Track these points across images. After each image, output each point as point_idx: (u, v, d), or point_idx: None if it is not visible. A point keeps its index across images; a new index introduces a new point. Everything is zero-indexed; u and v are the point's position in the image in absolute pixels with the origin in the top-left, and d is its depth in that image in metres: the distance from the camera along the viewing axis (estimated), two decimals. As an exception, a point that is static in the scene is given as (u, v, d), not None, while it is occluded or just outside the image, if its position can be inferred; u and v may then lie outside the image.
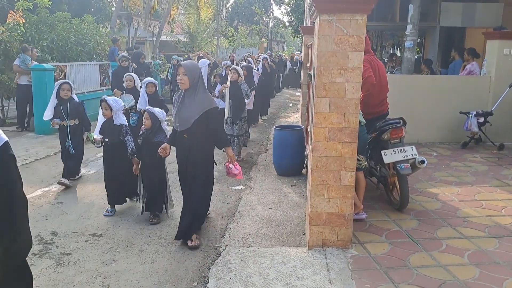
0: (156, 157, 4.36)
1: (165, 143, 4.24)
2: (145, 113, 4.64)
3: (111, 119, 4.94)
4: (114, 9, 19.28)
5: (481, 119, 7.00)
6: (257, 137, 9.53)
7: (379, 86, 4.73)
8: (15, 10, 10.26)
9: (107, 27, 17.41)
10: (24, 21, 10.20)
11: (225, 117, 7.11)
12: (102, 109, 4.97)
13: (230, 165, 4.35)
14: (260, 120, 11.71)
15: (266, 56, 13.65)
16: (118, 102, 5.00)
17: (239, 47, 31.80)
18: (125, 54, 10.45)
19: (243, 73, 8.06)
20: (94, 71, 11.64)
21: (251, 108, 8.57)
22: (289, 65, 21.32)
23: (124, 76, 7.08)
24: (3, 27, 9.71)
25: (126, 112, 6.71)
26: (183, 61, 12.41)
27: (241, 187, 5.95)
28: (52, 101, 5.83)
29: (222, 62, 11.62)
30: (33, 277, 3.50)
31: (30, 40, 10.35)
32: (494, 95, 7.44)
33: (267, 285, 3.26)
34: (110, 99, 4.97)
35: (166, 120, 4.87)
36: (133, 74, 7.17)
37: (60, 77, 10.12)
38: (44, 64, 9.42)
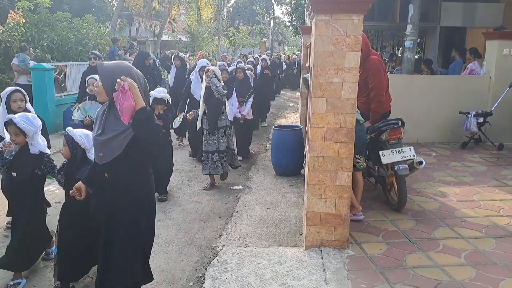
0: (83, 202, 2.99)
1: (79, 182, 2.93)
2: (63, 137, 3.36)
3: (26, 147, 3.45)
4: (115, 8, 19.33)
5: (481, 119, 6.98)
6: (256, 137, 9.52)
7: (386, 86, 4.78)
8: (16, 10, 10.30)
9: (108, 27, 17.44)
10: (24, 21, 10.24)
11: (197, 128, 5.99)
12: (9, 133, 3.45)
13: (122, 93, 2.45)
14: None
15: (265, 57, 12.71)
16: (33, 122, 3.43)
17: (240, 47, 31.82)
18: (95, 51, 8.53)
19: (240, 76, 7.62)
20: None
21: (251, 117, 7.72)
22: (284, 66, 20.06)
23: (87, 79, 5.72)
24: (3, 26, 9.75)
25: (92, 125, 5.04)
26: (160, 58, 9.62)
27: (240, 187, 5.95)
28: (2, 116, 4.19)
29: (218, 63, 10.27)
30: (30, 276, 3.54)
31: (30, 40, 10.38)
32: (493, 95, 7.42)
33: (263, 285, 3.26)
34: (21, 119, 3.38)
35: None
36: (97, 77, 5.69)
37: (61, 77, 10.15)
38: (44, 64, 9.44)
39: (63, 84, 10.25)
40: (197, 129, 5.99)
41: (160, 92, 5.23)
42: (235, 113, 7.07)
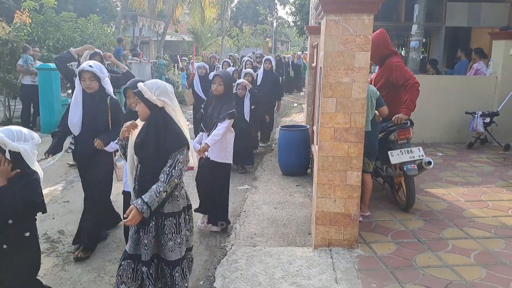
0: None
1: None
2: None
3: None
4: (119, 9, 19.37)
5: (487, 119, 6.98)
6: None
7: None
8: (22, 10, 10.33)
9: (112, 27, 17.48)
10: (30, 21, 10.27)
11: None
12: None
13: None
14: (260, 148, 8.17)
15: (247, 58, 9.94)
16: None
17: (243, 47, 31.83)
18: None
19: (244, 86, 5.61)
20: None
21: (228, 162, 4.50)
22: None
23: None
24: (10, 27, 9.78)
25: None
26: (55, 58, 4.94)
27: (247, 186, 5.96)
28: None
29: (197, 65, 8.22)
30: (41, 275, 3.56)
31: (36, 40, 10.41)
32: (500, 95, 7.41)
33: (273, 284, 3.27)
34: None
35: None
36: None
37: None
38: (50, 64, 9.46)
39: (68, 84, 10.26)
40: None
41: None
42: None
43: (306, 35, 11.01)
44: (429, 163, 4.29)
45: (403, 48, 14.47)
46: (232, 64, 10.20)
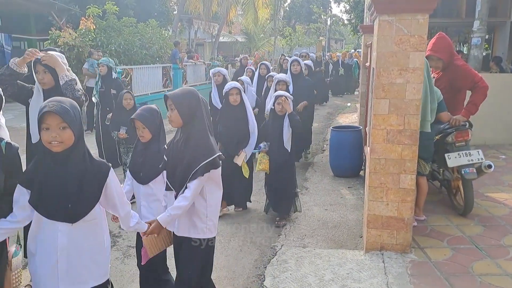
0: None
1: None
2: None
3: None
4: (175, 12, 20.00)
5: (557, 120, 6.51)
6: (313, 137, 9.45)
7: None
8: (87, 16, 10.97)
9: (169, 31, 18.08)
10: (94, 27, 10.89)
11: None
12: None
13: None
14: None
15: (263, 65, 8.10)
16: None
17: (296, 46, 31.72)
18: None
19: (285, 100, 4.42)
20: (157, 73, 12.21)
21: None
22: (331, 66, 16.01)
23: None
24: (76, 32, 10.42)
25: None
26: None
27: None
28: None
29: (211, 71, 6.58)
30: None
31: (99, 45, 11.01)
32: None
33: (323, 286, 3.28)
34: None
35: None
36: None
37: (127, 80, 10.71)
38: (113, 68, 9.99)
39: (129, 86, 10.80)
40: None
41: None
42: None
43: (360, 33, 10.79)
44: (490, 166, 4.09)
45: (464, 45, 13.80)
46: (272, 68, 8.74)
